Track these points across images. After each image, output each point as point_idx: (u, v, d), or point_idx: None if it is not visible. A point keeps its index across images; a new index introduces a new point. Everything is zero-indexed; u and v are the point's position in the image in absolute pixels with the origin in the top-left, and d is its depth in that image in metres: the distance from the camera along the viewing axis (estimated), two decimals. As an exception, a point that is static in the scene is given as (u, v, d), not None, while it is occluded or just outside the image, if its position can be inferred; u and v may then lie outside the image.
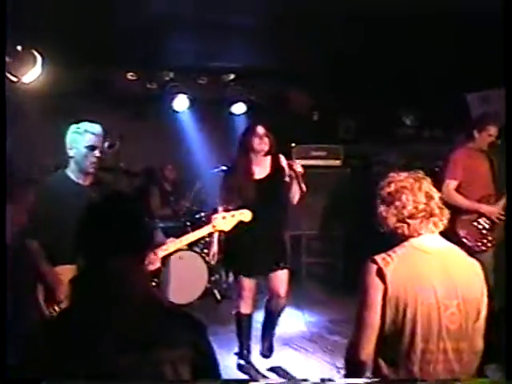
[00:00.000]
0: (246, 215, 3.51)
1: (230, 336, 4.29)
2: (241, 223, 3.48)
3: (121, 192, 3.41)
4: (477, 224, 4.36)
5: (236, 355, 4.17)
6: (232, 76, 6.55)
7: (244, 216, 3.50)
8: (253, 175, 3.90)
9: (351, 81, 6.00)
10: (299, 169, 3.80)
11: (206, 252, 6.10)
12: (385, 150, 6.62)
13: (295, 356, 4.49)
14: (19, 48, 4.56)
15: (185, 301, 5.47)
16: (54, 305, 3.05)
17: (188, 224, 5.97)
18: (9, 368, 1.88)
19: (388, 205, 2.13)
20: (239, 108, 6.87)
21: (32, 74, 4.75)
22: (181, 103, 6.45)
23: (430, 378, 1.98)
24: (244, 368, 4.09)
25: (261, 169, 3.94)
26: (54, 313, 3.02)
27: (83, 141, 3.15)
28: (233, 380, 3.33)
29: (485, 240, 4.34)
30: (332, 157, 6.67)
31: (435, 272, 2.03)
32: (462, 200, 4.32)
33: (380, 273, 2.00)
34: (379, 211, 2.16)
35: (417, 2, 3.71)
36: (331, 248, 6.72)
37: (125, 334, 1.43)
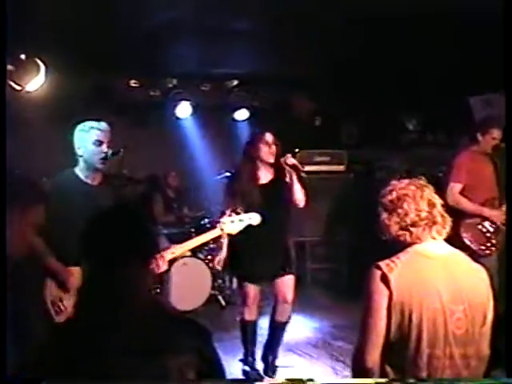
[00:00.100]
0: (255, 219, 3.46)
1: (235, 342, 4.28)
2: (248, 227, 3.44)
3: (125, 198, 3.42)
4: (481, 227, 4.35)
5: (241, 361, 4.16)
6: (235, 82, 6.57)
7: (252, 220, 3.45)
8: (258, 180, 3.90)
9: (354, 86, 6.00)
10: (292, 161, 3.78)
11: (210, 258, 6.12)
12: (388, 156, 6.61)
13: (300, 362, 4.47)
14: (23, 57, 4.59)
15: (189, 307, 5.46)
16: (60, 304, 3.02)
17: (192, 230, 5.97)
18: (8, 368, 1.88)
19: (390, 212, 2.12)
20: (242, 114, 6.90)
21: (35, 83, 4.78)
22: (184, 110, 6.47)
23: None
24: (249, 374, 4.07)
25: (265, 174, 3.94)
26: (60, 312, 3.00)
27: (90, 137, 3.17)
28: (238, 380, 3.32)
29: (489, 244, 4.32)
30: (336, 162, 6.67)
31: (440, 277, 2.02)
32: (467, 203, 4.31)
33: (384, 279, 1.99)
34: (381, 219, 2.15)
35: (416, 2, 3.72)
36: (335, 253, 6.71)
37: (129, 341, 1.42)
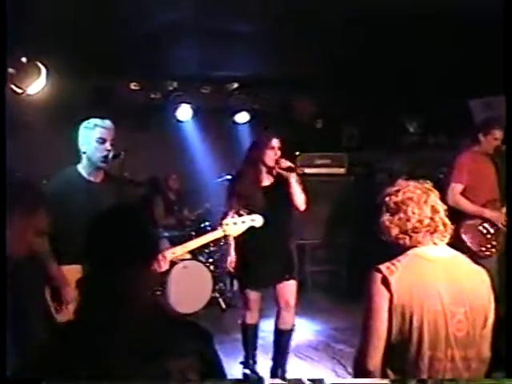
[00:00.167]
0: (258, 221, 3.39)
1: (236, 345, 4.28)
2: (250, 230, 3.37)
3: (127, 197, 3.41)
4: (482, 229, 4.34)
5: (241, 364, 4.16)
6: (235, 85, 6.58)
7: (255, 222, 3.38)
8: (261, 183, 3.90)
9: (354, 88, 6.01)
10: (287, 164, 3.77)
11: (211, 261, 6.13)
12: (389, 158, 6.60)
13: (301, 365, 4.46)
14: (24, 60, 4.60)
15: (190, 310, 5.46)
16: (62, 305, 3.01)
17: (193, 233, 5.97)
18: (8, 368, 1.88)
19: (392, 214, 2.11)
20: (243, 117, 6.89)
21: (36, 86, 4.79)
22: (184, 113, 6.47)
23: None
24: (249, 377, 4.06)
25: (267, 177, 3.94)
26: (61, 312, 2.99)
27: (94, 135, 3.18)
28: (239, 380, 3.31)
29: (489, 245, 4.32)
30: (336, 165, 6.67)
31: (440, 279, 2.01)
32: (467, 204, 4.31)
33: (385, 281, 1.99)
34: (382, 220, 2.13)
35: (416, 2, 3.72)
36: (336, 256, 6.70)
37: (130, 342, 1.42)
